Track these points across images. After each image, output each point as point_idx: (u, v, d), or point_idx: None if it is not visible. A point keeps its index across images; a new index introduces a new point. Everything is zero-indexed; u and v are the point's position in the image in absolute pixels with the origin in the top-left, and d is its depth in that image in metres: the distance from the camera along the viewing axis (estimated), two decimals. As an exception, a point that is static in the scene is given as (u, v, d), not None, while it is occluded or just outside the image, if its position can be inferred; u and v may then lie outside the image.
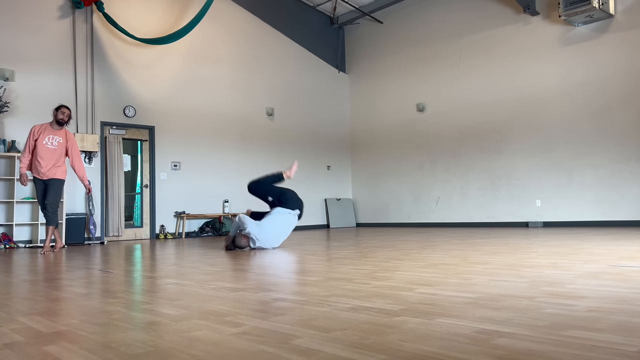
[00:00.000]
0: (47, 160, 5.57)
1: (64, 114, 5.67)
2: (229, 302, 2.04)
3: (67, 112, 5.71)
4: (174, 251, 5.35)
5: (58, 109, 5.69)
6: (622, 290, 2.03)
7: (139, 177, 8.76)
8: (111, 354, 1.32)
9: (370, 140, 11.38)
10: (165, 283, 2.74)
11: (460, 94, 9.80)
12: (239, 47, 10.07)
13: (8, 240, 6.87)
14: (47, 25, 7.73)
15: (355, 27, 11.81)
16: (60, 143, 5.68)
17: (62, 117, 5.65)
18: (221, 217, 9.18)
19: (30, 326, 1.71)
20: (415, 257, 3.72)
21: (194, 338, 1.46)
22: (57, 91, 7.72)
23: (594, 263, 3.00)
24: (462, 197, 9.70)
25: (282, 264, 3.53)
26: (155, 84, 8.82)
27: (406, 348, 1.28)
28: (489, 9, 9.43)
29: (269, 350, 1.30)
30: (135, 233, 8.55)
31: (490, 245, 4.59)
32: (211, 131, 9.48)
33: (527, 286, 2.20)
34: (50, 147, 5.60)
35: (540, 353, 1.19)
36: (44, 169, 5.55)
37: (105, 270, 3.54)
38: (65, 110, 5.68)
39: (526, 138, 8.81)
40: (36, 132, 5.60)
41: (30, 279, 3.14)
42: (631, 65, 7.73)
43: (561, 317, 1.57)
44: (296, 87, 10.97)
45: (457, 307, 1.79)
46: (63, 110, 5.67)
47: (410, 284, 2.40)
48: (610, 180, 7.87)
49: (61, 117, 5.65)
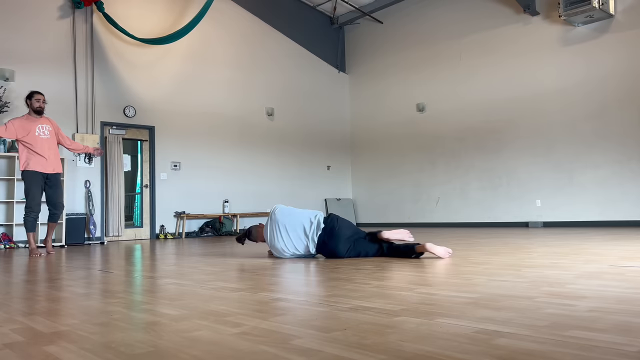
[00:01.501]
0: (47, 151, 5.14)
1: (39, 101, 5.15)
2: (229, 302, 2.04)
3: (42, 97, 5.17)
4: (174, 251, 5.34)
5: (31, 97, 5.13)
6: (622, 290, 2.03)
7: (139, 177, 8.76)
8: (111, 354, 1.32)
9: (371, 140, 11.38)
10: (165, 283, 2.74)
11: (460, 93, 9.80)
12: (239, 47, 10.07)
13: (8, 240, 6.87)
14: (47, 25, 7.73)
15: (355, 27, 11.81)
16: (51, 131, 5.23)
17: (39, 105, 5.14)
18: (221, 217, 9.18)
19: (30, 326, 1.71)
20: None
21: (194, 338, 1.46)
22: (57, 91, 7.72)
23: (594, 263, 3.00)
24: (462, 197, 9.70)
25: (282, 264, 3.53)
26: (155, 84, 8.82)
27: (406, 348, 1.28)
28: (489, 9, 9.43)
29: (269, 350, 1.30)
30: (135, 233, 8.55)
31: (491, 245, 4.58)
32: (211, 131, 9.48)
33: (527, 286, 2.20)
34: (44, 137, 5.14)
35: (540, 353, 1.19)
36: (48, 161, 5.14)
37: (105, 271, 3.54)
38: (40, 97, 5.15)
39: (526, 138, 8.81)
40: (19, 128, 5.02)
41: (30, 279, 3.14)
42: (631, 65, 7.73)
43: (561, 317, 1.57)
44: (296, 87, 10.97)
45: (457, 307, 1.79)
46: (38, 97, 5.14)
47: (410, 284, 2.39)
48: (610, 180, 7.87)
49: (37, 105, 5.13)
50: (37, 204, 5.16)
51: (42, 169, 5.13)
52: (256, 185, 10.04)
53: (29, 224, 5.16)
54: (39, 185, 5.15)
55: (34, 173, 5.12)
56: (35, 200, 5.13)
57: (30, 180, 5.10)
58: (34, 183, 5.10)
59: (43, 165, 5.13)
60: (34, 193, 5.12)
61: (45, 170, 5.15)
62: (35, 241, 5.51)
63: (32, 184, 5.10)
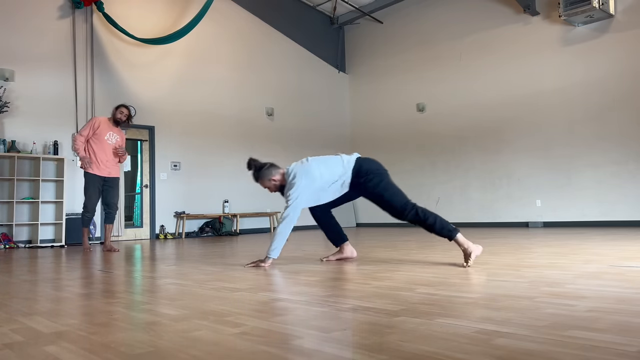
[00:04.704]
0: (105, 155, 5.50)
1: (122, 114, 5.56)
2: (229, 302, 2.04)
3: (125, 112, 5.58)
4: (174, 251, 5.34)
5: (117, 108, 5.60)
6: (622, 290, 2.03)
7: (139, 177, 8.76)
8: (111, 354, 1.32)
9: (370, 140, 11.38)
10: (165, 283, 2.74)
11: (460, 93, 9.80)
12: (239, 47, 10.07)
13: (8, 240, 6.87)
14: (47, 25, 7.73)
15: (355, 27, 11.81)
16: (117, 142, 5.60)
17: (119, 117, 5.55)
18: (221, 217, 9.18)
19: (30, 326, 1.71)
20: (415, 257, 3.73)
21: (194, 338, 1.46)
22: (57, 91, 7.72)
23: (594, 263, 3.00)
24: (462, 197, 9.70)
25: (282, 264, 3.53)
26: (155, 84, 8.82)
27: (406, 348, 1.28)
28: (489, 9, 9.43)
29: (269, 351, 1.30)
30: (135, 233, 8.55)
31: (490, 245, 4.58)
32: (211, 131, 9.48)
33: (527, 286, 2.20)
34: (110, 144, 5.53)
35: (540, 353, 1.19)
36: (103, 165, 5.47)
37: (105, 270, 3.54)
38: (123, 110, 5.57)
39: (526, 138, 8.81)
40: (96, 124, 5.48)
41: (30, 279, 3.14)
42: (631, 65, 7.73)
43: (561, 317, 1.57)
44: (296, 87, 10.97)
45: (457, 307, 1.79)
46: (122, 110, 5.58)
47: (410, 284, 2.39)
48: (610, 180, 7.87)
49: (119, 116, 5.55)
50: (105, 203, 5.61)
51: (96, 172, 5.49)
52: (256, 185, 10.04)
53: (110, 218, 5.63)
54: (97, 185, 5.52)
55: (91, 174, 5.49)
56: (95, 198, 5.51)
57: (89, 179, 5.50)
58: (91, 183, 5.49)
59: (99, 168, 5.50)
60: (92, 192, 5.50)
61: (99, 173, 5.50)
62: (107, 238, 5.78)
63: (89, 184, 5.49)
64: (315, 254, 4.32)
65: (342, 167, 3.38)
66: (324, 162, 3.45)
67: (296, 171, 3.43)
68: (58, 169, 7.53)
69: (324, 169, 3.40)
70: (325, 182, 3.38)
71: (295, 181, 3.38)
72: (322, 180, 3.37)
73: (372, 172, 3.34)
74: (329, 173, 3.37)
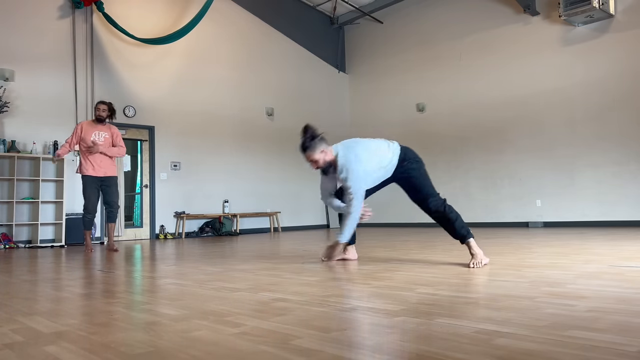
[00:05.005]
0: (98, 156, 5.51)
1: (100, 110, 5.56)
2: (229, 302, 2.04)
3: (103, 107, 5.58)
4: (174, 251, 5.34)
5: (95, 106, 5.64)
6: (622, 290, 2.03)
7: (139, 177, 8.76)
8: (111, 354, 1.32)
9: (370, 140, 11.36)
10: (165, 283, 2.74)
11: (460, 93, 9.80)
12: (239, 47, 10.07)
13: (8, 240, 6.87)
14: (47, 25, 7.73)
15: (355, 27, 11.81)
16: (107, 138, 5.59)
17: (98, 114, 5.56)
18: (221, 217, 9.19)
19: (30, 326, 1.71)
20: (415, 257, 3.73)
21: (194, 338, 1.46)
22: (57, 91, 7.72)
23: (594, 263, 3.00)
24: (462, 197, 9.69)
25: (282, 264, 3.53)
26: (155, 84, 8.82)
27: (406, 348, 1.28)
28: (489, 9, 9.43)
29: (269, 350, 1.30)
30: (135, 233, 8.55)
31: (491, 245, 4.59)
32: (211, 131, 9.48)
33: (528, 286, 2.20)
34: (101, 143, 5.52)
35: (540, 353, 1.19)
36: (97, 166, 5.49)
37: (105, 271, 3.54)
38: (100, 107, 5.58)
39: (526, 138, 8.81)
40: (79, 130, 5.54)
41: (30, 279, 3.14)
42: (631, 65, 7.73)
43: (561, 317, 1.57)
44: (296, 87, 10.97)
45: (457, 307, 1.79)
46: (98, 107, 5.59)
47: (410, 284, 2.39)
48: (610, 180, 7.87)
49: (98, 113, 5.56)
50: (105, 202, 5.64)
51: (90, 172, 5.50)
52: (256, 185, 10.04)
53: (112, 217, 5.66)
54: (94, 186, 5.53)
55: (86, 176, 5.52)
56: (94, 200, 5.55)
57: (85, 181, 5.52)
58: (88, 185, 5.51)
59: (93, 169, 5.51)
60: (90, 193, 5.53)
61: (95, 173, 5.51)
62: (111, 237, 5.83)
63: (86, 186, 5.52)
64: (316, 253, 4.32)
65: (391, 152, 3.37)
66: (375, 147, 3.36)
67: (351, 157, 3.25)
68: (58, 169, 7.52)
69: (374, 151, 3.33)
70: (376, 166, 3.32)
71: (353, 167, 3.23)
72: (375, 164, 3.31)
73: (415, 159, 3.44)
74: (378, 158, 3.32)
